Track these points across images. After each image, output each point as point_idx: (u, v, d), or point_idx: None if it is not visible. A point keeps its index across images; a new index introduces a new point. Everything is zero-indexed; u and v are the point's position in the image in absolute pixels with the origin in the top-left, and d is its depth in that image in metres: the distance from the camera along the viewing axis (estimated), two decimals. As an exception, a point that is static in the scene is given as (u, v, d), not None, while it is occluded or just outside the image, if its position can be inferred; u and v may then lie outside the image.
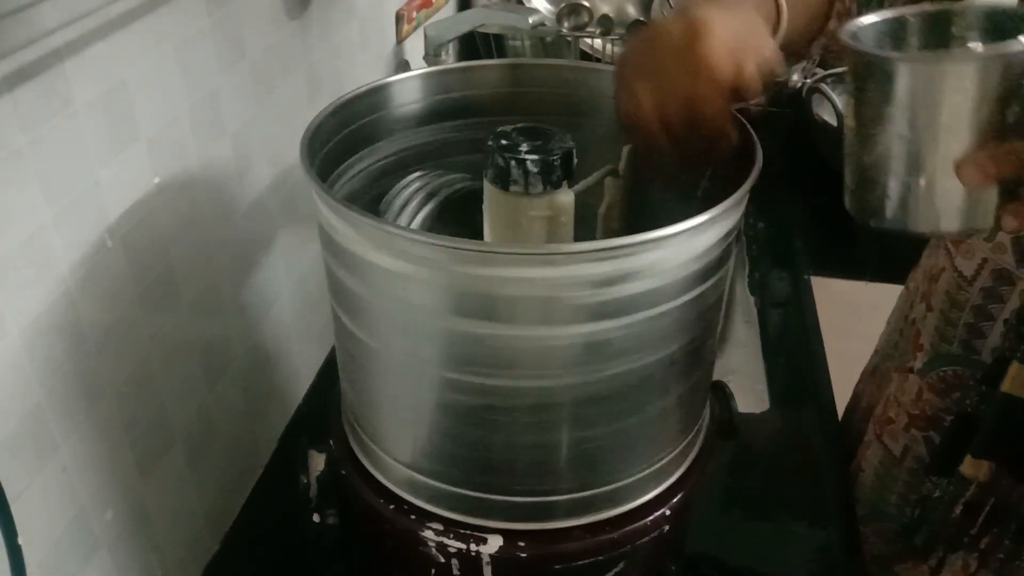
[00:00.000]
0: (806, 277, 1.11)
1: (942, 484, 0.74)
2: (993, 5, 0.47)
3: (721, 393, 0.65)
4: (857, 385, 0.95)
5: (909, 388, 0.78)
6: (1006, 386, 0.64)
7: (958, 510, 0.72)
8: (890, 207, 0.46)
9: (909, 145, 0.44)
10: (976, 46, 0.47)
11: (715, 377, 0.61)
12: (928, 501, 0.76)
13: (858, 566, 0.77)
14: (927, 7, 0.48)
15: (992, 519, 0.70)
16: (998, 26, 0.47)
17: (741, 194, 0.48)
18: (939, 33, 0.49)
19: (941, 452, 0.74)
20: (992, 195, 0.45)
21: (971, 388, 0.70)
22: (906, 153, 0.45)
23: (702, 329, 0.52)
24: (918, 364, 0.76)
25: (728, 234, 0.50)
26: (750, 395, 0.92)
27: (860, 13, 0.61)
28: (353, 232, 0.48)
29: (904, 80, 0.43)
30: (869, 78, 0.44)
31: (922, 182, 0.45)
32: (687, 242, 0.47)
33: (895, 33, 0.49)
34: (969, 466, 0.69)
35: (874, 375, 0.90)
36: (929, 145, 0.44)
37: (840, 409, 0.93)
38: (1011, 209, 0.44)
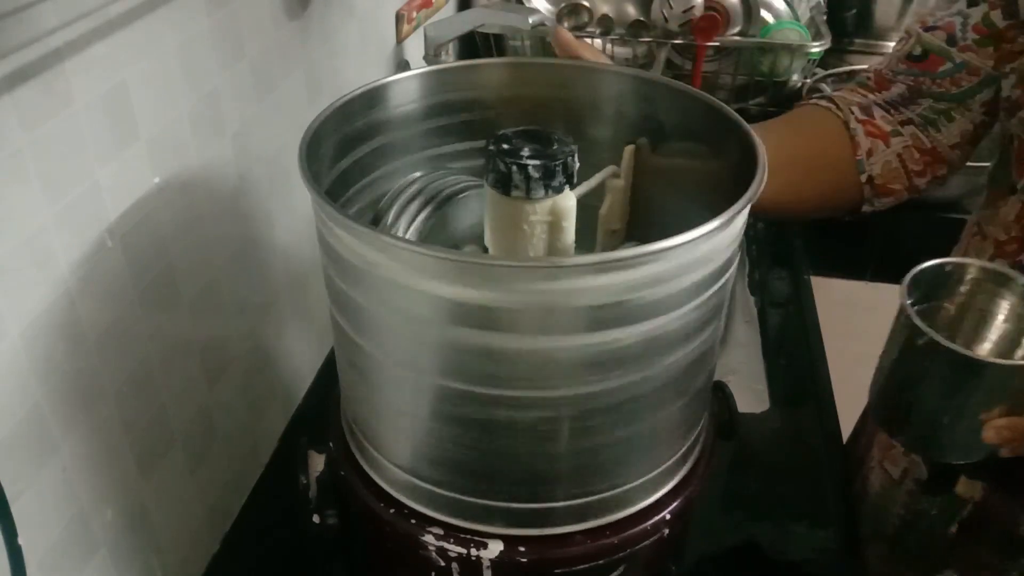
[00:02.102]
0: (806, 277, 1.11)
1: (937, 503, 0.76)
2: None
3: (721, 393, 0.65)
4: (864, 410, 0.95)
5: None
6: None
7: (953, 529, 0.74)
8: (919, 438, 0.58)
9: (942, 403, 0.54)
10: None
11: (715, 377, 0.61)
12: (924, 517, 0.77)
13: (858, 566, 0.77)
14: (987, 264, 0.59)
15: (981, 536, 0.72)
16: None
17: (746, 201, 0.47)
18: (989, 288, 0.59)
19: (936, 473, 0.76)
20: None
21: None
22: (939, 408, 0.55)
23: (705, 336, 0.52)
24: None
25: (732, 241, 0.50)
26: (750, 395, 0.92)
27: None
28: (351, 241, 0.48)
29: (949, 361, 0.53)
30: (920, 349, 0.54)
31: (948, 431, 0.55)
32: (690, 251, 0.46)
33: (951, 276, 0.59)
34: (964, 486, 0.72)
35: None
36: (960, 411, 0.54)
37: (840, 409, 0.93)
38: (992, 426, 0.54)
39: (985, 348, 0.60)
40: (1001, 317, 0.59)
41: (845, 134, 0.74)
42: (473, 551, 0.53)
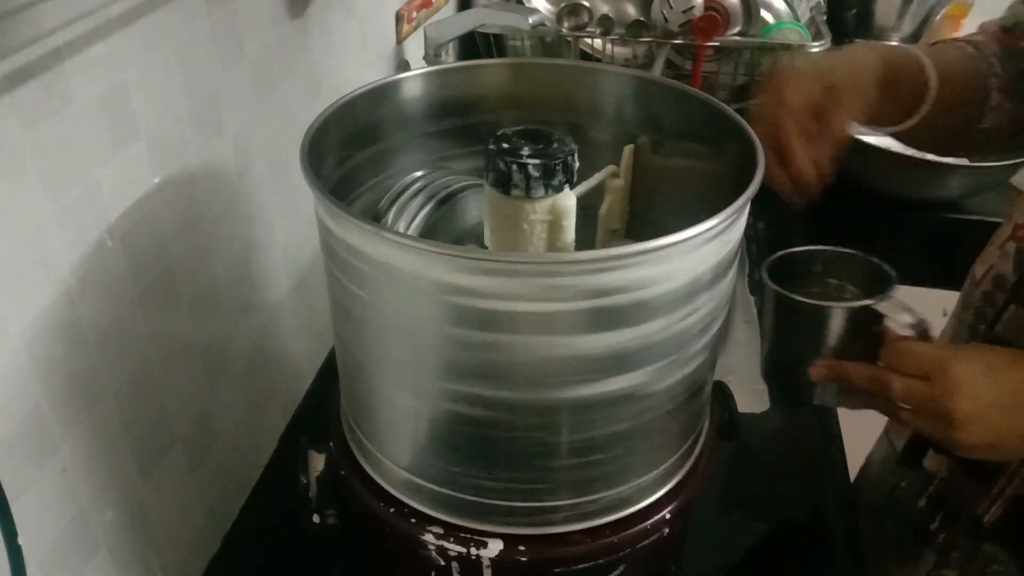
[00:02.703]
0: (806, 277, 1.10)
1: (910, 476, 0.77)
2: (870, 258, 0.66)
3: (721, 393, 0.65)
4: None
5: None
6: None
7: (922, 503, 0.74)
8: (796, 388, 0.66)
9: (798, 352, 0.63)
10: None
11: (715, 377, 0.61)
12: (898, 491, 0.79)
13: (859, 566, 0.77)
14: (836, 248, 0.67)
15: (950, 517, 0.72)
16: (871, 273, 0.65)
17: (745, 199, 0.47)
18: (840, 266, 0.67)
19: (910, 445, 0.76)
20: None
21: None
22: (798, 357, 0.63)
23: (705, 336, 0.52)
24: None
25: (731, 240, 0.50)
26: (750, 395, 0.92)
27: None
28: (353, 238, 0.48)
29: (798, 311, 0.61)
30: (776, 305, 0.64)
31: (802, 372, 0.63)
32: (689, 250, 0.46)
33: (809, 260, 0.67)
34: (931, 460, 0.72)
35: None
36: (806, 351, 0.62)
37: (840, 408, 0.93)
38: (816, 364, 0.60)
39: None
40: (850, 289, 0.68)
41: (984, 85, 0.71)
42: (473, 550, 0.53)
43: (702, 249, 0.47)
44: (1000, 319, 0.66)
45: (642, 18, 1.31)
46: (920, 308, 0.63)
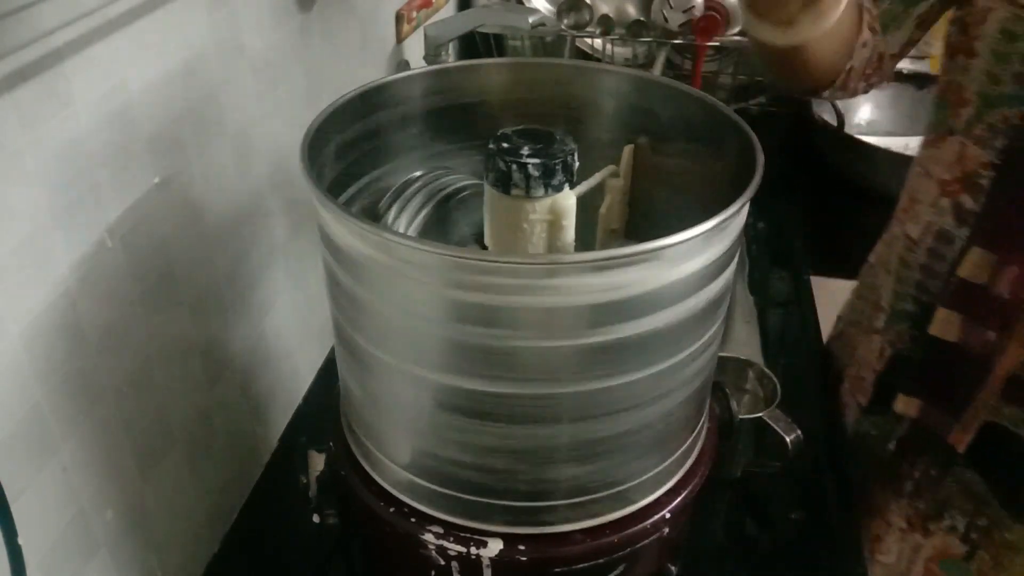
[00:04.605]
0: (806, 277, 1.11)
1: (879, 422, 0.80)
2: (764, 369, 0.78)
3: (721, 393, 0.66)
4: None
5: (874, 347, 0.83)
6: (933, 329, 0.70)
7: (892, 446, 0.78)
8: None
9: None
10: None
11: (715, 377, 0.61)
12: (864, 440, 0.82)
13: (859, 565, 0.77)
14: (731, 356, 0.77)
15: (920, 452, 0.76)
16: (765, 380, 0.78)
17: (744, 200, 0.48)
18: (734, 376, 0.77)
19: (877, 390, 0.80)
20: None
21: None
22: None
23: (704, 335, 0.52)
24: (880, 323, 0.82)
25: (731, 240, 0.50)
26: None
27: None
28: (353, 238, 0.48)
29: None
30: None
31: None
32: (688, 250, 0.46)
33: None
34: (901, 403, 0.75)
35: (839, 340, 0.96)
36: None
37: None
38: None
39: None
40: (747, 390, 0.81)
41: (858, 14, 0.71)
42: (473, 550, 0.53)
43: (702, 249, 0.47)
44: (962, 262, 0.68)
45: (642, 18, 1.31)
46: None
